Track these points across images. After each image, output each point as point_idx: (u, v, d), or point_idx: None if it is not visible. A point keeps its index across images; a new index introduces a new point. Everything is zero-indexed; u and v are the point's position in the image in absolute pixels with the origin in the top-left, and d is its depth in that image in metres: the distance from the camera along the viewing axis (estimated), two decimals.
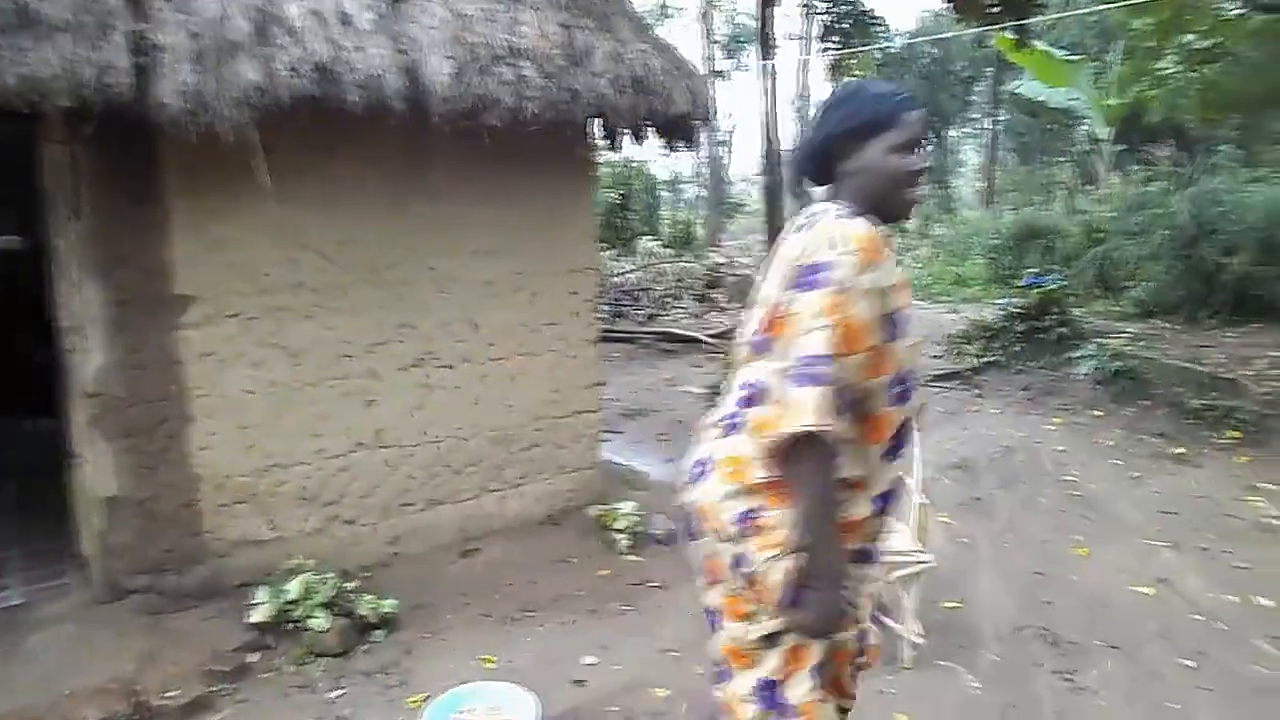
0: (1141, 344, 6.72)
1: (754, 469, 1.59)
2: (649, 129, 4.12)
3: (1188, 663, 2.95)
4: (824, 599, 1.52)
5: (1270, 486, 4.45)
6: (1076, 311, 7.35)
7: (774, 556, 1.54)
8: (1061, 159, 14.86)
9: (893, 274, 1.59)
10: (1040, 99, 13.56)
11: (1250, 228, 7.31)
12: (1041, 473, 4.83)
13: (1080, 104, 12.53)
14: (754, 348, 1.64)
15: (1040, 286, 7.12)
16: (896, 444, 1.65)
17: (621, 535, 3.86)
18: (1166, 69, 8.20)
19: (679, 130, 4.12)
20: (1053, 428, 5.58)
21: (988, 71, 18.63)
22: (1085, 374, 6.10)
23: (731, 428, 1.66)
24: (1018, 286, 7.86)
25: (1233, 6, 7.48)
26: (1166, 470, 4.82)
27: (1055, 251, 9.31)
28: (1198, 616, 3.26)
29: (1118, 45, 11.44)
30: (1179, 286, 7.72)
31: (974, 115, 22.10)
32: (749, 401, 1.63)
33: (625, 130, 4.15)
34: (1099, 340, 6.56)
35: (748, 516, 1.59)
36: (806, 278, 1.51)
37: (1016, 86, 14.31)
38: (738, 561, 1.61)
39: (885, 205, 1.64)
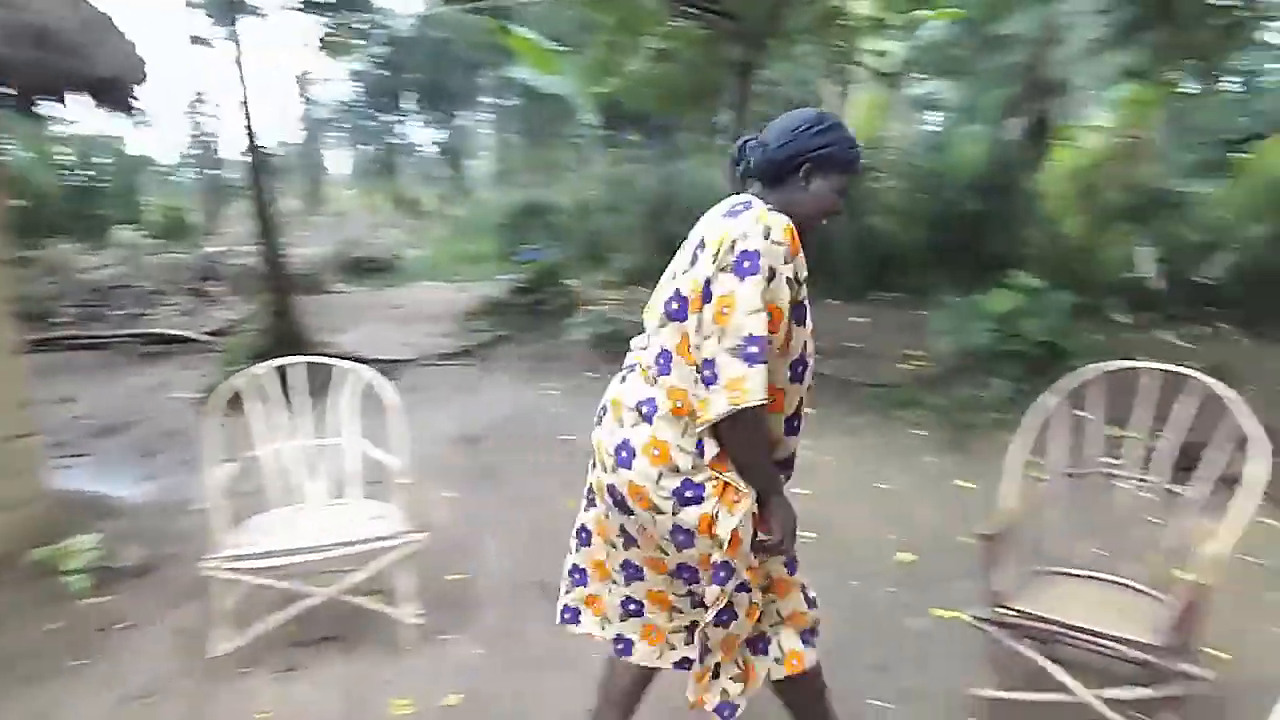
0: (626, 308, 7.58)
1: (677, 450, 1.75)
2: (70, 92, 3.49)
3: None
4: (786, 515, 1.82)
5: None
6: (572, 282, 8.04)
7: (743, 516, 1.73)
8: (560, 141, 16.15)
9: (804, 267, 1.76)
10: (535, 85, 14.49)
11: (703, 201, 8.63)
12: (544, 435, 5.18)
13: (569, 91, 13.65)
14: (669, 314, 1.80)
15: (537, 261, 7.65)
16: (796, 421, 1.88)
17: (78, 576, 3.26)
18: (631, 65, 9.29)
19: (109, 95, 3.55)
20: (556, 392, 6.03)
21: (493, 57, 19.41)
22: (581, 340, 6.70)
23: (645, 413, 1.79)
24: (517, 261, 8.36)
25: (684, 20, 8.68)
26: None
27: (554, 227, 10.13)
28: None
29: (598, 39, 12.65)
30: (652, 255, 8.91)
31: (484, 98, 22.98)
32: (662, 367, 1.80)
33: (37, 93, 3.47)
34: (592, 308, 7.25)
35: (679, 492, 1.75)
36: (742, 263, 1.67)
37: (513, 72, 15.11)
38: (675, 530, 1.78)
39: (803, 225, 1.79)
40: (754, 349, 1.64)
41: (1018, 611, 2.30)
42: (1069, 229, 8.06)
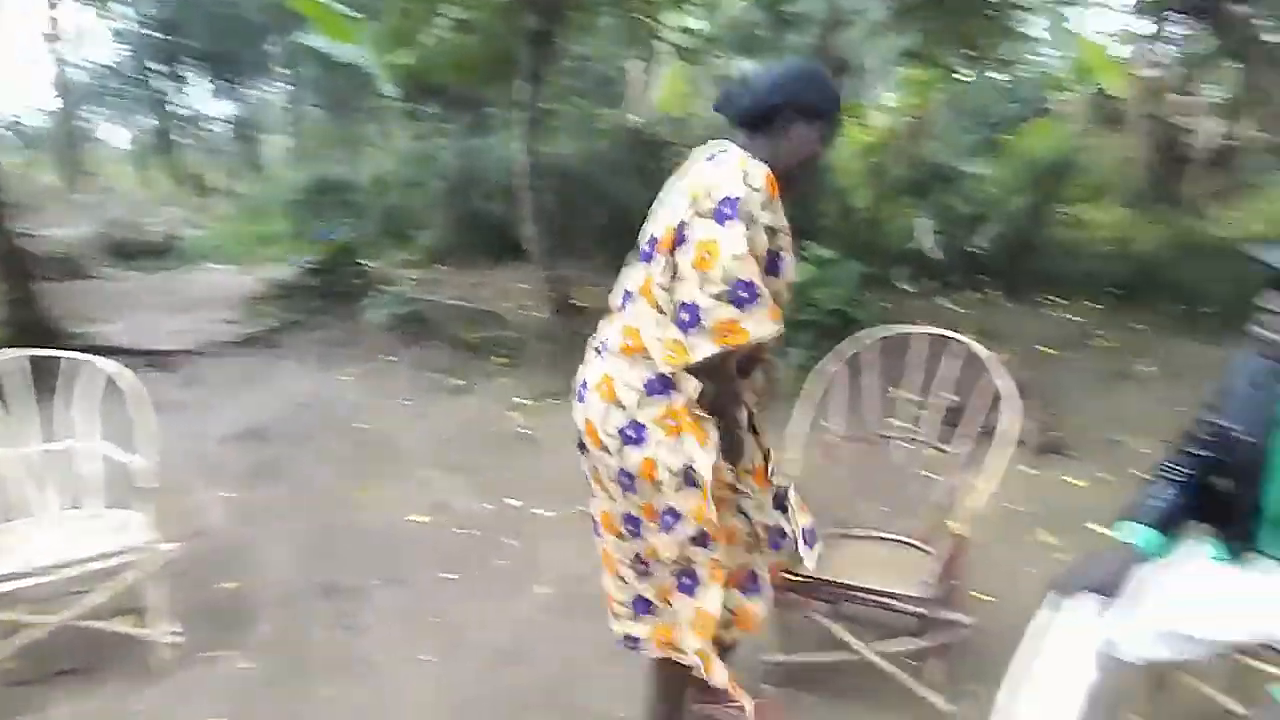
0: (426, 288, 7.28)
1: (622, 386, 1.78)
2: None
3: (451, 575, 3.21)
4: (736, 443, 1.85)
5: (525, 401, 5.17)
6: (370, 263, 7.62)
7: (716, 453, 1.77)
8: (359, 114, 15.29)
9: (781, 216, 1.76)
10: (330, 54, 13.60)
11: (506, 177, 8.40)
12: (336, 425, 4.85)
13: (366, 60, 12.90)
14: (641, 256, 1.82)
15: (331, 240, 7.19)
16: (748, 364, 1.88)
17: None
18: (428, 33, 8.85)
19: None
20: (349, 378, 5.67)
21: (284, 22, 18.04)
22: (378, 322, 6.35)
23: (601, 350, 1.86)
24: (309, 241, 7.85)
25: None
26: (447, 402, 5.27)
27: (352, 205, 9.57)
28: (462, 530, 3.59)
29: (393, 6, 11.98)
30: (454, 232, 8.61)
31: (278, 68, 21.37)
32: (622, 304, 1.85)
33: None
34: (389, 288, 6.89)
35: (624, 431, 1.77)
36: (722, 208, 1.67)
37: (305, 39, 14.13)
38: (621, 473, 1.80)
39: (788, 173, 1.78)
40: (744, 293, 1.66)
41: (802, 576, 2.32)
42: (859, 202, 8.48)
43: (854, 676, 2.41)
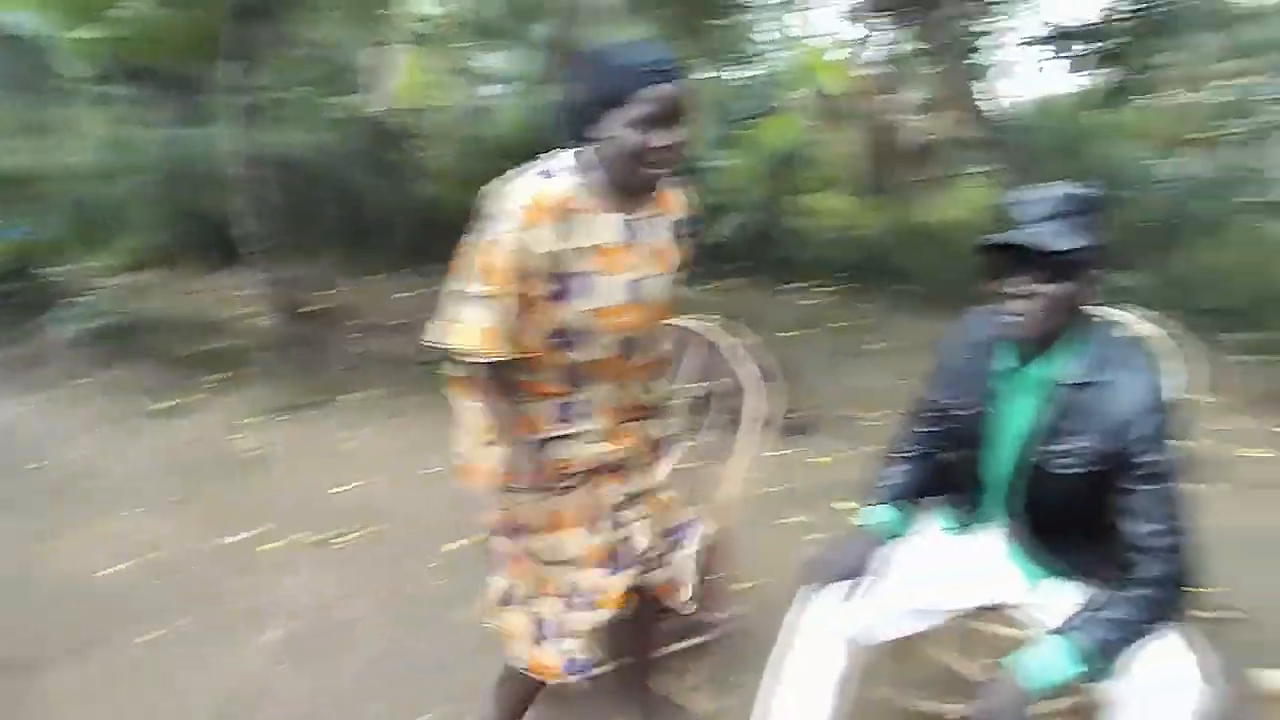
0: (130, 297, 6.38)
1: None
2: None
3: (158, 633, 2.74)
4: (514, 454, 1.72)
5: (251, 420, 4.62)
6: (57, 268, 6.57)
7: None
8: (43, 95, 13.30)
9: (585, 236, 1.63)
10: (2, 25, 11.74)
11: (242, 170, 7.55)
12: (9, 465, 4.07)
13: (48, 33, 11.24)
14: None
15: (9, 240, 6.13)
16: (575, 376, 1.74)
17: None
18: (119, 5, 7.80)
19: None
20: (28, 407, 4.80)
21: None
22: (67, 339, 5.45)
23: None
24: None
25: None
26: (156, 427, 4.60)
27: (34, 201, 8.21)
28: (173, 577, 3.10)
29: None
30: (165, 232, 7.63)
31: None
32: None
33: None
34: (82, 298, 5.96)
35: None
36: (481, 224, 1.63)
37: None
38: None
39: (622, 177, 1.63)
40: (466, 305, 1.64)
41: None
42: None
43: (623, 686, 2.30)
